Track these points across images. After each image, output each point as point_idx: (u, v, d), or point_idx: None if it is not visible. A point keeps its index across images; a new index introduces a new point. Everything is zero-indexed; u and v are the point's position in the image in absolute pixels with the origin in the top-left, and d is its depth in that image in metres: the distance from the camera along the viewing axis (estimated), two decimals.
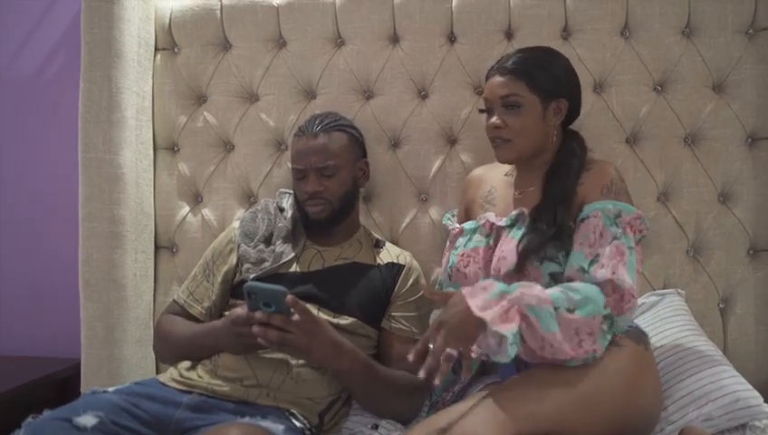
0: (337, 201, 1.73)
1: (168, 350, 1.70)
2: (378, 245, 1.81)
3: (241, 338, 1.48)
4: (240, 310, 1.49)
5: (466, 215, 1.75)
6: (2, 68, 2.39)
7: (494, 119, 1.57)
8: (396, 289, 1.73)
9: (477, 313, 1.28)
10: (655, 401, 1.47)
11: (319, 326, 1.48)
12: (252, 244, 1.75)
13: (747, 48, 1.93)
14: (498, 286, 1.34)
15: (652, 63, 1.95)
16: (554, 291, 1.35)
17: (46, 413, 1.40)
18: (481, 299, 1.31)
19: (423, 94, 2.02)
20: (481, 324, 1.28)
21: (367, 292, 1.70)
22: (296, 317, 1.44)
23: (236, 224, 1.82)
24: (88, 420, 1.37)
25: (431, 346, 1.31)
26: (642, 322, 1.77)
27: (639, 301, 1.84)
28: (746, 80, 1.93)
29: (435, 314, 1.77)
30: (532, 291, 1.32)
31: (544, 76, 1.55)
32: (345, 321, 1.64)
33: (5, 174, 2.38)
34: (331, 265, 1.73)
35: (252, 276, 1.68)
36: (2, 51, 2.39)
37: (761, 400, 1.57)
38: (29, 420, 1.38)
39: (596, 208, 1.45)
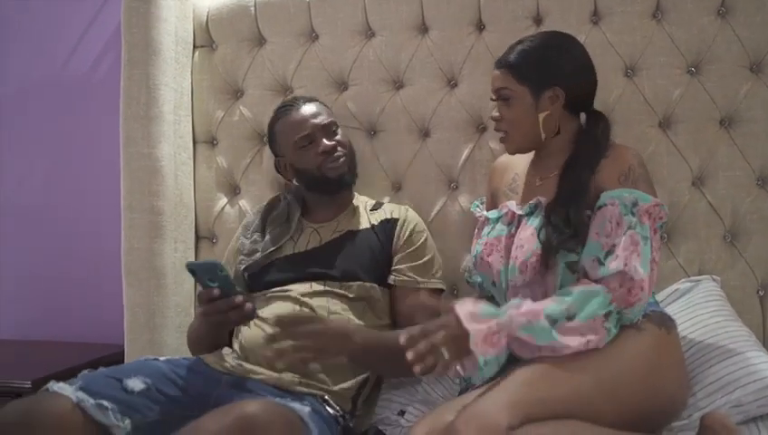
0: (350, 153, 1.82)
1: (191, 346, 1.76)
2: (375, 208, 1.86)
3: (207, 317, 1.54)
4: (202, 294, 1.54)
5: (492, 202, 1.76)
6: (56, 69, 2.51)
7: (494, 112, 1.60)
8: (394, 243, 1.77)
9: (466, 324, 1.29)
10: (678, 387, 1.45)
11: (342, 332, 1.49)
12: (248, 235, 1.82)
13: None
14: (487, 309, 1.35)
15: (685, 45, 1.91)
16: (548, 304, 1.35)
17: (101, 369, 1.51)
18: (473, 315, 1.32)
19: (452, 83, 2.03)
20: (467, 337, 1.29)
21: (366, 254, 1.74)
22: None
23: None
24: (136, 384, 1.47)
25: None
26: (674, 307, 1.75)
27: (673, 287, 1.83)
28: None
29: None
30: (521, 310, 1.33)
31: (533, 66, 1.54)
32: (356, 290, 1.68)
33: (58, 171, 2.51)
34: (328, 240, 1.77)
35: (243, 266, 1.75)
36: (56, 53, 2.51)
37: None
38: (85, 372, 1.49)
39: (612, 197, 1.43)
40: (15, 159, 2.55)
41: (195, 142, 2.18)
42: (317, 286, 1.69)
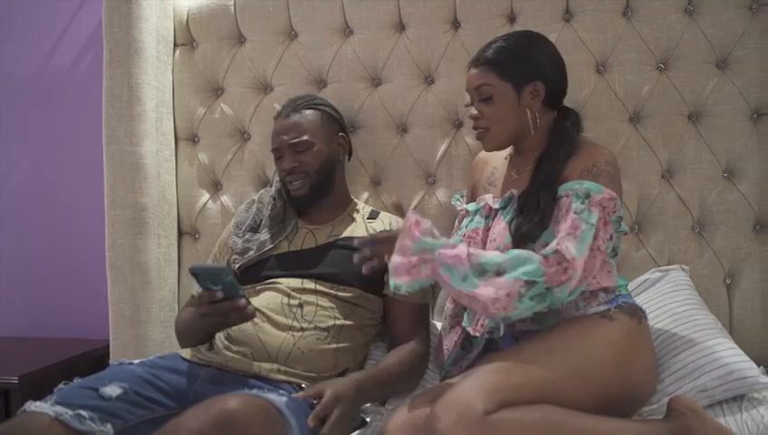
0: (315, 175, 1.81)
1: (179, 339, 1.79)
2: (372, 216, 1.88)
3: (205, 318, 1.55)
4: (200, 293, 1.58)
5: (472, 196, 1.81)
6: (36, 67, 2.52)
7: (472, 110, 1.63)
8: None
9: (392, 257, 1.41)
10: (647, 375, 1.51)
11: (339, 396, 1.51)
12: (240, 233, 1.84)
13: (751, 23, 1.93)
14: (423, 241, 1.41)
15: (654, 42, 1.96)
16: (488, 255, 1.42)
17: (76, 381, 1.51)
18: (406, 247, 1.41)
19: (429, 80, 2.07)
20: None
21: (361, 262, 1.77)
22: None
23: None
24: (113, 390, 1.47)
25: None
26: (645, 297, 1.82)
27: (643, 277, 1.90)
28: (750, 55, 1.93)
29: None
30: (450, 251, 1.39)
31: (514, 63, 1.58)
32: (346, 293, 1.72)
33: (40, 167, 2.53)
34: (324, 243, 1.80)
35: (237, 265, 1.78)
36: (35, 51, 2.52)
37: (757, 371, 1.59)
38: (60, 386, 1.49)
39: (567, 189, 1.48)
40: None
41: (176, 139, 2.21)
42: (308, 283, 1.72)
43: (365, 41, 2.09)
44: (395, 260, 1.40)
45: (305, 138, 1.81)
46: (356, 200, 1.95)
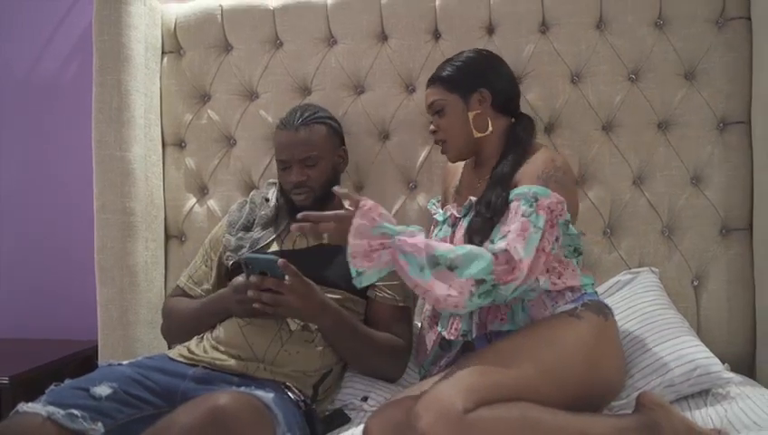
0: (319, 188, 1.87)
1: (175, 326, 1.85)
2: None
3: (241, 304, 1.65)
4: (241, 278, 1.67)
5: (444, 203, 1.90)
6: (24, 72, 2.56)
7: (431, 126, 1.74)
8: None
9: (350, 237, 1.44)
10: (615, 369, 1.59)
11: (308, 287, 1.63)
12: (233, 232, 1.90)
13: (717, 37, 2.02)
14: (383, 225, 1.46)
15: (626, 54, 2.05)
16: (442, 248, 1.47)
17: (67, 382, 1.55)
18: (364, 227, 1.45)
19: (410, 89, 2.14)
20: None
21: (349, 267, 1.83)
22: (288, 280, 1.59)
23: None
24: (103, 390, 1.52)
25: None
26: (616, 298, 1.90)
27: (615, 278, 1.98)
28: (716, 68, 2.02)
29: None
30: (410, 239, 1.44)
31: (459, 75, 1.71)
32: (334, 295, 1.77)
33: (28, 170, 2.56)
34: (315, 245, 1.86)
35: (231, 262, 1.84)
36: (23, 56, 2.56)
37: (721, 367, 1.68)
38: (51, 387, 1.53)
39: (517, 193, 1.55)
40: None
41: (164, 145, 2.25)
42: None
43: (349, 50, 2.15)
44: (353, 243, 1.43)
45: (315, 153, 1.86)
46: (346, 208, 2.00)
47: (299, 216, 1.54)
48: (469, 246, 1.49)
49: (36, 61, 2.56)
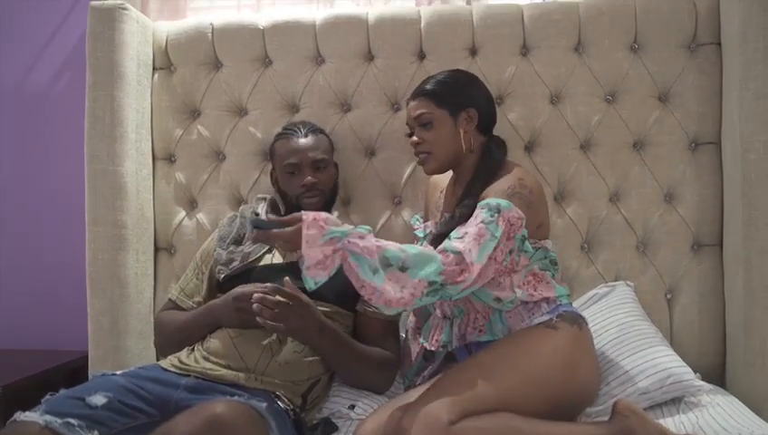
0: (328, 192, 1.96)
1: (168, 337, 1.89)
2: None
3: (241, 313, 1.70)
4: (242, 288, 1.72)
5: (426, 217, 1.98)
6: (15, 83, 2.58)
7: (413, 138, 1.79)
8: None
9: (303, 249, 1.43)
10: (590, 376, 1.66)
11: (309, 310, 1.69)
12: (224, 246, 1.94)
13: (689, 61, 2.11)
14: (332, 230, 1.45)
15: (603, 77, 2.13)
16: (392, 248, 1.47)
17: (62, 392, 1.58)
18: (314, 236, 1.44)
19: (396, 107, 2.21)
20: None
21: (339, 281, 1.87)
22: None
23: None
24: (99, 399, 1.55)
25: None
26: (594, 310, 1.97)
27: (593, 291, 2.05)
28: (688, 90, 2.11)
29: None
30: (361, 242, 1.45)
31: (448, 91, 1.76)
32: (324, 308, 1.81)
33: (18, 180, 2.58)
34: None
35: (222, 275, 1.88)
36: (14, 67, 2.58)
37: (692, 376, 1.75)
38: (47, 397, 1.56)
39: (482, 203, 1.61)
40: None
41: (154, 159, 2.29)
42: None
43: (336, 69, 2.21)
44: (308, 253, 1.43)
45: (326, 157, 1.97)
46: None
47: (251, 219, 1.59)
48: (419, 247, 1.53)
49: (25, 73, 2.58)
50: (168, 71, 2.30)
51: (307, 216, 1.46)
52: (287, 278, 1.65)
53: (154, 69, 2.30)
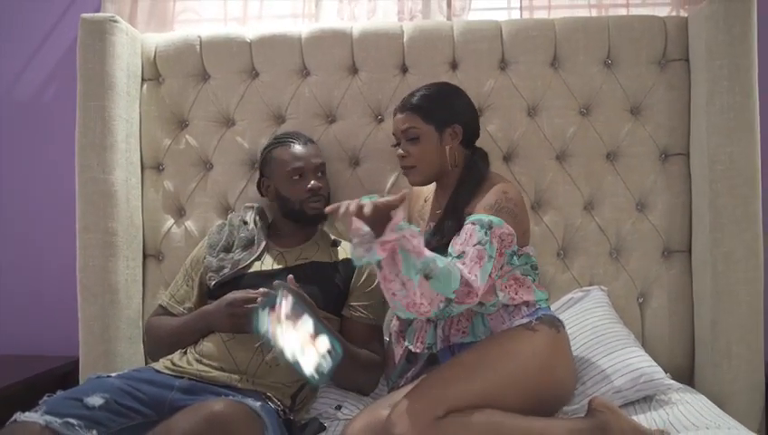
0: (327, 198, 2.03)
1: (160, 341, 1.93)
2: (335, 244, 2.06)
3: (234, 319, 1.75)
4: (234, 294, 1.77)
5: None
6: (6, 88, 2.62)
7: (399, 150, 1.84)
8: (353, 282, 1.98)
9: (387, 232, 1.40)
10: (567, 375, 1.74)
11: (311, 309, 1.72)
12: (214, 253, 2.00)
13: (659, 76, 2.20)
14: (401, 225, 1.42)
15: (577, 91, 2.22)
16: (431, 255, 1.46)
17: (60, 393, 1.63)
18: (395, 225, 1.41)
19: (379, 118, 2.27)
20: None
21: (327, 287, 1.94)
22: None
23: None
24: (96, 400, 1.60)
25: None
26: (569, 313, 2.06)
27: (568, 296, 2.14)
28: (659, 104, 2.20)
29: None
30: (413, 241, 1.42)
31: (436, 108, 1.81)
32: None
33: (9, 190, 2.61)
34: (293, 265, 1.96)
35: (213, 282, 1.94)
36: (5, 72, 2.62)
37: (663, 374, 1.84)
38: (45, 398, 1.60)
39: (472, 219, 1.66)
40: None
41: (143, 168, 2.33)
42: None
43: (321, 82, 2.28)
44: (390, 236, 1.39)
45: (325, 163, 2.05)
46: (320, 228, 2.12)
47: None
48: (446, 261, 1.52)
49: (13, 83, 2.61)
50: (157, 82, 2.35)
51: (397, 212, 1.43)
52: (291, 276, 1.70)
53: (143, 80, 2.34)
